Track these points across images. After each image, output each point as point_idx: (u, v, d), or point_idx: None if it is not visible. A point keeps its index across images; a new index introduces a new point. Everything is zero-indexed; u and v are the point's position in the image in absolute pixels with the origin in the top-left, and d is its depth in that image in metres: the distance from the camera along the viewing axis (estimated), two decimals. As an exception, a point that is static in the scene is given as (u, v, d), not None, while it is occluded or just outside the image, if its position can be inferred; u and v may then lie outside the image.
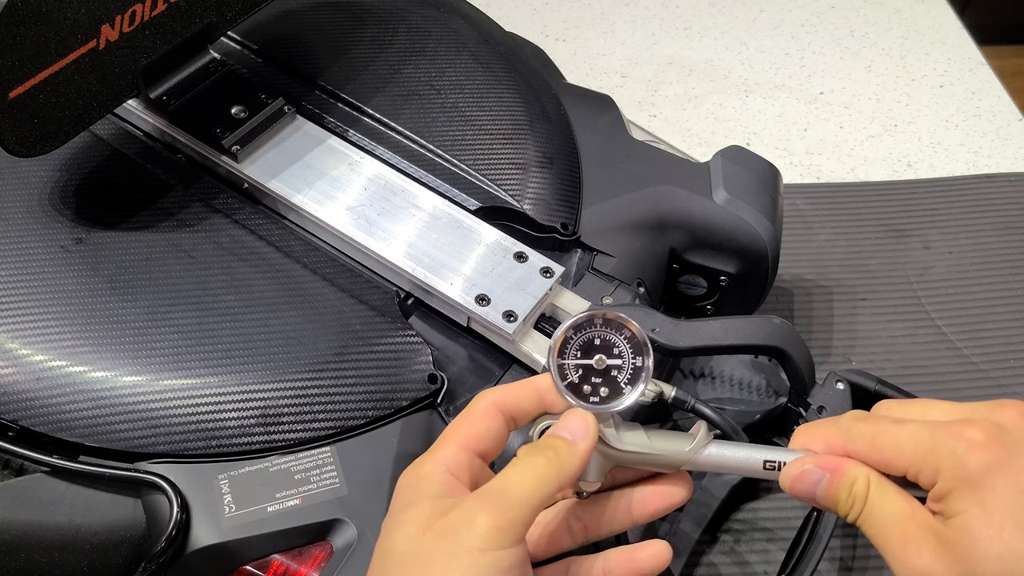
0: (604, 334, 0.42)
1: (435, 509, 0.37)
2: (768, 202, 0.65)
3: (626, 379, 0.42)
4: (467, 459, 0.39)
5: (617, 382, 0.42)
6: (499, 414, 0.41)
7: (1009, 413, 0.37)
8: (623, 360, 0.42)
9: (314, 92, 0.66)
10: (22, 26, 0.48)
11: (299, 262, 0.57)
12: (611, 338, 0.42)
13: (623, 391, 0.42)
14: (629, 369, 0.42)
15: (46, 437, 0.49)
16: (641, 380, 0.42)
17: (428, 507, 0.37)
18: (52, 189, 0.58)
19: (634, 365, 0.42)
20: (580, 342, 0.42)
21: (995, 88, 1.02)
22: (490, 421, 0.41)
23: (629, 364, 0.42)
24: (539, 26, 1.07)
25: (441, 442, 0.40)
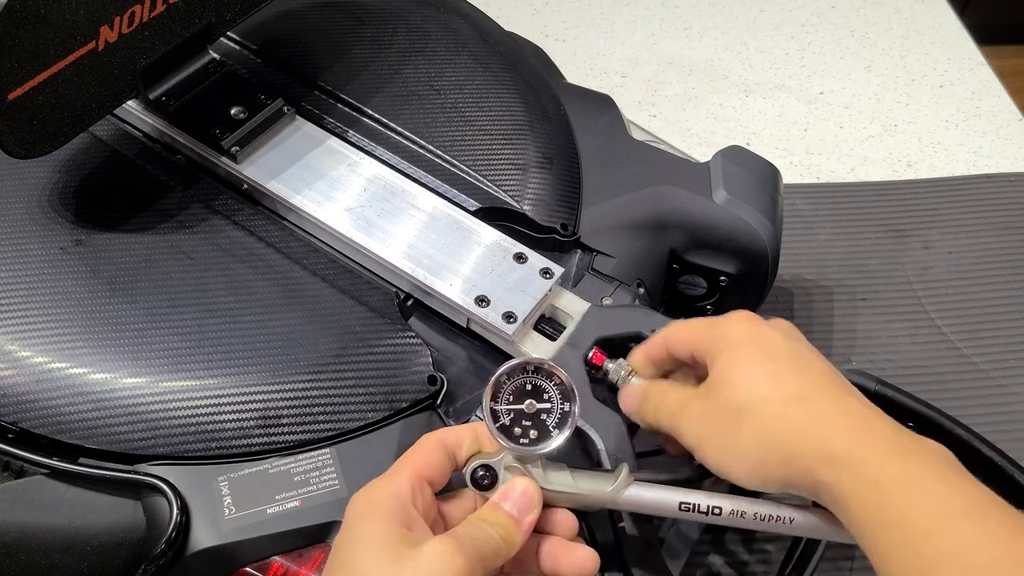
0: (535, 380, 0.45)
1: (404, 539, 0.39)
2: (768, 202, 0.65)
3: (554, 423, 0.45)
4: (419, 486, 0.42)
5: (546, 425, 0.45)
6: (443, 449, 0.44)
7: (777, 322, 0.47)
8: (552, 405, 0.45)
9: (313, 93, 0.66)
10: (21, 28, 0.48)
11: (299, 263, 0.57)
12: (542, 384, 0.45)
13: (551, 434, 0.44)
14: (557, 413, 0.45)
15: (46, 439, 0.49)
16: (568, 425, 0.44)
17: (396, 535, 0.40)
18: (51, 191, 0.58)
19: (562, 410, 0.45)
20: (513, 387, 0.45)
21: (995, 88, 1.02)
22: (437, 455, 0.44)
23: (558, 409, 0.45)
24: (539, 26, 1.07)
25: (393, 472, 0.43)
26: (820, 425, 0.42)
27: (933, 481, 0.39)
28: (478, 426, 0.45)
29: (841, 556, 0.65)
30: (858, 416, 0.42)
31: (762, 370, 0.44)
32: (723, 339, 0.46)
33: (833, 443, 0.41)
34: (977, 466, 0.62)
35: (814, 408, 0.42)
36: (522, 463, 0.44)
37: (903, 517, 0.38)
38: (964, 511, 0.38)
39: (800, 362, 0.44)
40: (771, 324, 0.47)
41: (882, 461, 0.40)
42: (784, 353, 0.45)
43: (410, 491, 0.41)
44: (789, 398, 0.43)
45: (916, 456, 0.40)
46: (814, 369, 0.44)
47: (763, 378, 0.44)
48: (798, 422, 0.42)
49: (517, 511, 0.43)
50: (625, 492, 0.45)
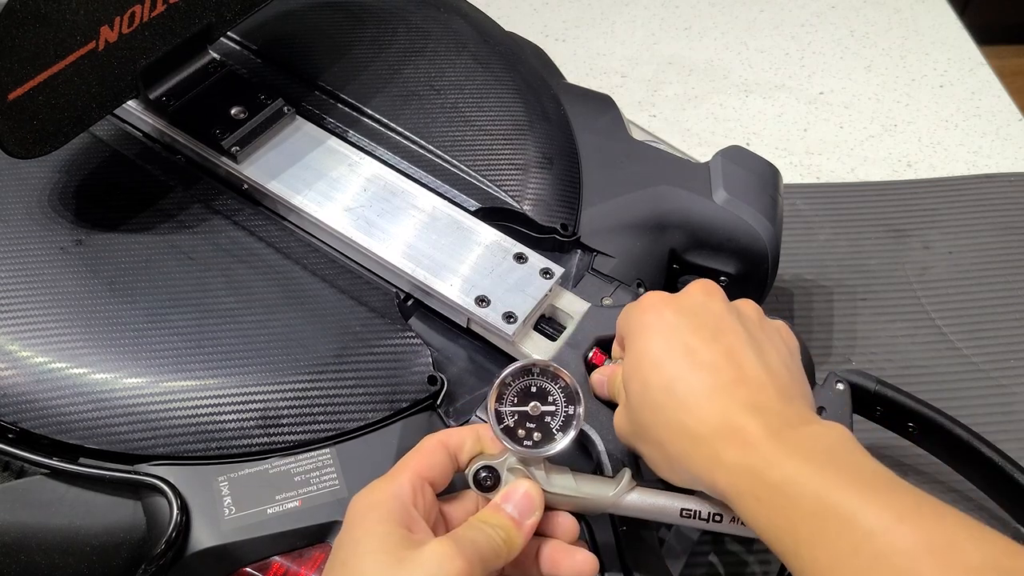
0: (540, 382, 0.45)
1: (405, 540, 0.39)
2: (768, 202, 0.65)
3: (558, 425, 0.45)
4: (420, 487, 0.42)
5: (550, 428, 0.45)
6: (445, 451, 0.44)
7: (693, 286, 0.47)
8: (556, 407, 0.45)
9: (314, 93, 0.66)
10: (21, 28, 0.48)
11: (299, 263, 0.57)
12: (546, 386, 0.45)
13: (555, 437, 0.44)
14: (561, 416, 0.45)
15: (46, 439, 0.49)
16: (572, 428, 0.45)
17: (397, 536, 0.39)
18: (52, 191, 0.58)
19: (566, 413, 0.45)
20: (517, 389, 0.45)
21: (995, 88, 1.02)
22: (438, 456, 0.44)
23: (562, 412, 0.45)
24: (539, 26, 1.07)
25: (394, 473, 0.43)
26: (701, 436, 0.41)
27: (814, 479, 0.37)
28: (480, 427, 0.45)
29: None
30: (741, 414, 0.40)
31: (652, 377, 0.43)
32: (628, 333, 0.46)
33: (715, 452, 0.40)
34: (977, 466, 0.62)
35: (697, 415, 0.41)
36: (525, 465, 0.44)
37: (788, 524, 0.37)
38: (849, 502, 0.36)
39: (691, 358, 0.43)
40: (675, 306, 0.45)
41: (759, 468, 0.39)
42: (675, 350, 0.43)
43: (411, 492, 0.41)
44: (675, 407, 0.42)
45: (796, 453, 0.39)
46: (704, 364, 0.42)
47: (652, 387, 0.43)
48: (683, 433, 0.41)
49: (519, 513, 0.43)
50: (627, 497, 0.45)
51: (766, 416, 0.40)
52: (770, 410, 0.41)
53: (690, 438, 0.41)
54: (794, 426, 0.40)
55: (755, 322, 0.46)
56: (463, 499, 0.45)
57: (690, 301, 0.46)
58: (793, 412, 0.41)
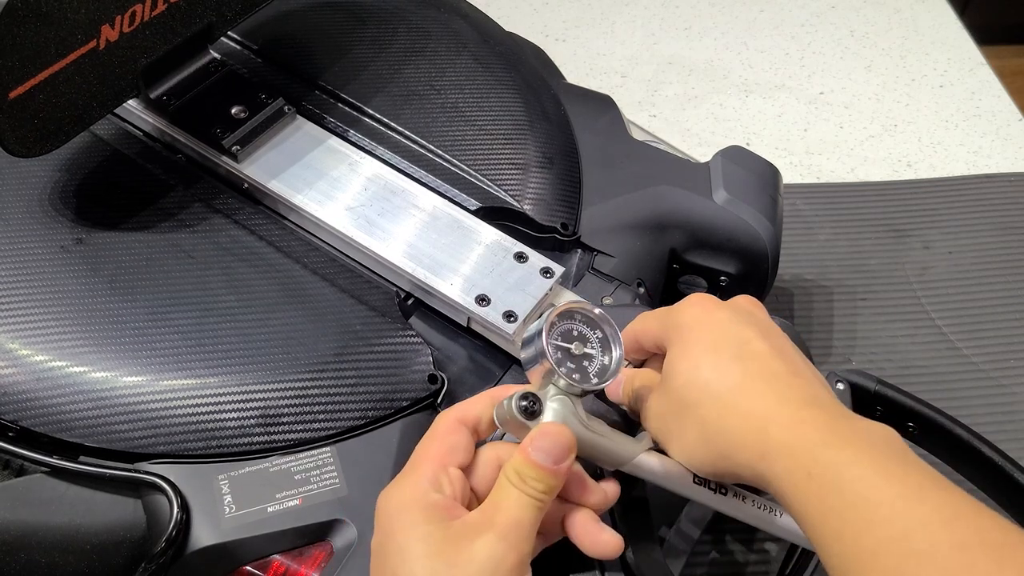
0: (580, 327, 0.45)
1: (449, 537, 0.39)
2: (768, 202, 0.65)
3: (595, 370, 0.44)
4: (445, 475, 0.41)
5: (587, 371, 0.44)
6: (463, 427, 0.43)
7: (738, 299, 0.47)
8: (594, 351, 0.45)
9: (314, 92, 0.66)
10: (22, 26, 0.48)
11: (299, 262, 0.57)
12: (585, 332, 0.45)
13: (591, 380, 0.44)
14: (599, 362, 0.44)
15: (46, 437, 0.49)
16: (611, 372, 0.44)
17: (440, 535, 0.39)
18: (52, 189, 0.58)
19: (603, 360, 0.44)
20: (561, 329, 0.44)
21: (995, 88, 1.02)
22: (456, 435, 0.42)
23: (599, 357, 0.44)
24: (539, 26, 1.07)
25: (416, 464, 0.42)
26: (756, 418, 0.41)
27: (867, 468, 0.38)
28: (494, 391, 0.44)
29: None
30: (797, 404, 0.41)
31: (705, 361, 0.43)
32: (674, 328, 0.45)
33: (769, 435, 0.40)
34: (977, 466, 0.62)
35: (751, 399, 0.41)
36: (566, 399, 0.43)
37: (837, 507, 0.37)
38: (901, 496, 0.37)
39: (745, 348, 0.43)
40: (726, 306, 0.46)
41: (816, 451, 0.39)
42: (729, 340, 0.44)
43: (438, 482, 0.40)
44: (728, 390, 0.42)
45: (851, 443, 0.39)
46: (759, 354, 0.43)
47: (705, 370, 0.43)
48: (735, 416, 0.42)
49: (552, 459, 0.41)
50: (646, 457, 0.45)
51: (823, 406, 0.41)
52: (826, 402, 0.41)
53: (740, 415, 0.41)
54: (850, 418, 0.41)
55: (789, 342, 0.46)
56: (485, 465, 0.43)
57: (738, 305, 0.46)
58: (845, 409, 0.42)
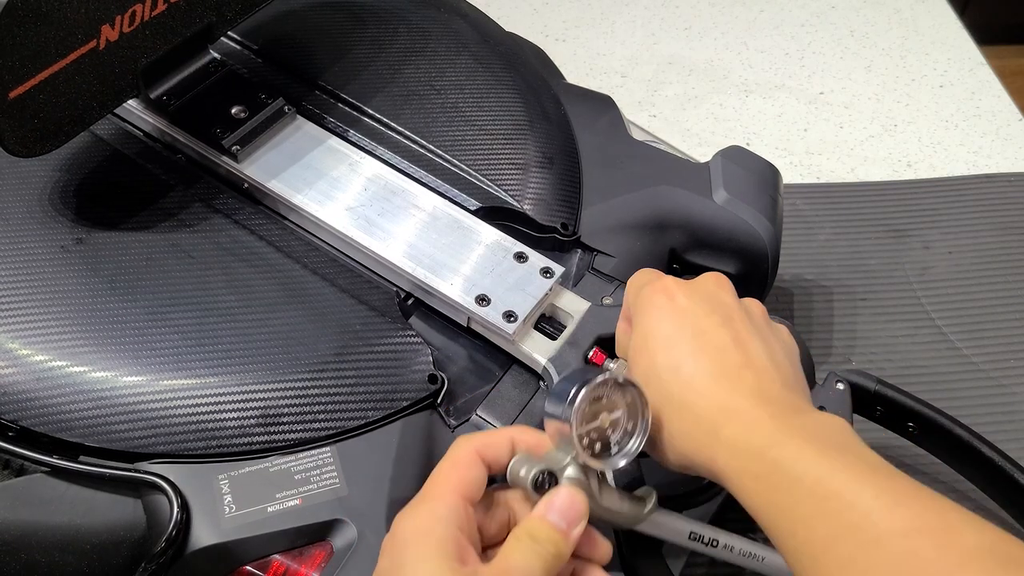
0: (611, 393, 0.42)
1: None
2: (768, 202, 0.65)
3: (617, 439, 0.43)
4: (463, 509, 0.40)
5: (610, 441, 0.42)
6: (482, 462, 0.42)
7: (705, 277, 0.47)
8: (621, 420, 0.43)
9: (314, 92, 0.66)
10: (22, 26, 0.48)
11: (299, 262, 0.57)
12: (615, 398, 0.42)
13: (612, 451, 0.43)
14: (623, 430, 0.43)
15: (46, 437, 0.49)
16: (635, 443, 0.43)
17: (450, 571, 0.38)
18: (52, 189, 0.58)
19: (627, 429, 0.43)
20: (591, 398, 0.42)
21: (995, 88, 1.02)
22: (477, 469, 0.42)
23: (624, 426, 0.43)
24: (539, 26, 1.07)
25: (434, 492, 0.41)
26: (706, 420, 0.41)
27: (812, 463, 0.38)
28: (514, 432, 0.43)
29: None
30: (746, 401, 0.41)
31: (660, 359, 0.44)
32: (638, 304, 0.46)
33: (718, 438, 0.40)
34: (977, 466, 0.62)
35: (703, 399, 0.42)
36: (584, 474, 0.42)
37: (787, 504, 0.38)
38: (847, 488, 0.37)
39: (699, 341, 0.43)
40: (687, 291, 0.45)
41: (763, 451, 0.39)
42: (685, 332, 0.44)
43: (455, 516, 0.39)
44: (681, 390, 0.42)
45: (795, 439, 0.39)
46: (713, 347, 0.43)
47: (660, 369, 0.43)
48: (689, 418, 0.42)
49: (566, 523, 0.41)
50: (653, 515, 0.45)
51: (770, 401, 0.41)
52: (774, 396, 0.41)
53: (693, 417, 0.42)
54: (797, 412, 0.41)
55: (761, 318, 0.46)
56: (494, 506, 0.43)
57: (702, 288, 0.46)
58: (796, 401, 0.42)
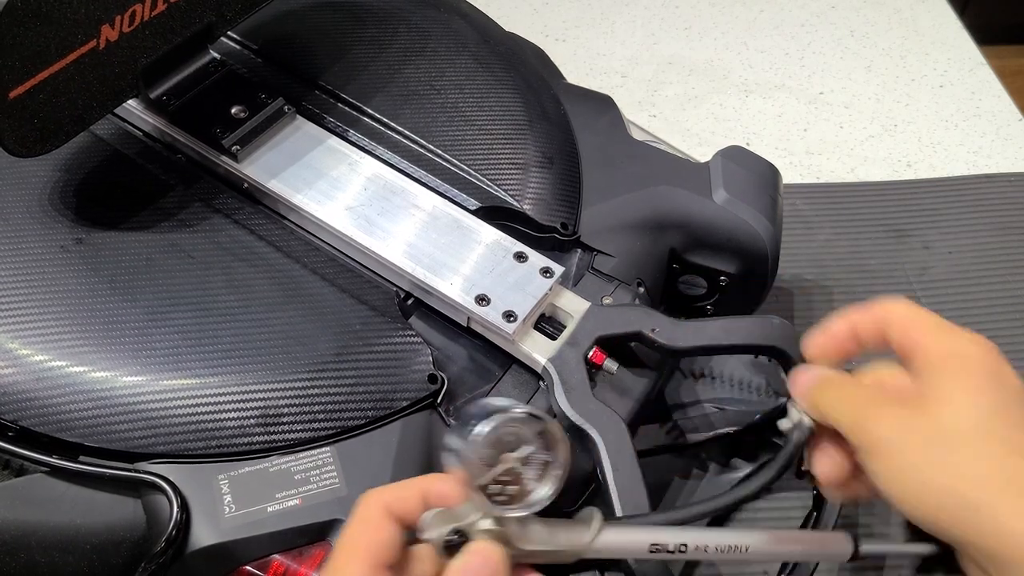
0: (515, 429, 0.39)
1: None
2: (768, 202, 0.65)
3: (534, 475, 0.40)
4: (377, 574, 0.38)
5: (523, 479, 0.40)
6: (391, 521, 0.39)
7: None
8: (532, 456, 0.40)
9: (314, 92, 0.66)
10: (22, 26, 0.48)
11: (299, 262, 0.57)
12: (522, 432, 0.39)
13: (529, 489, 0.40)
14: (538, 465, 0.40)
15: (46, 437, 0.49)
16: (553, 477, 0.40)
17: None
18: (52, 189, 0.58)
19: (544, 460, 0.40)
20: (491, 440, 0.39)
21: (995, 88, 1.02)
22: (387, 531, 0.39)
23: (539, 460, 0.40)
24: (539, 26, 1.07)
25: (346, 559, 0.38)
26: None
27: None
28: (423, 482, 0.40)
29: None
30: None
31: (1000, 412, 0.39)
32: (958, 354, 0.41)
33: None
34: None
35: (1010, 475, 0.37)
36: (498, 523, 0.39)
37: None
38: None
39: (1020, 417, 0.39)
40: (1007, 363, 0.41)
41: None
42: (1018, 400, 0.40)
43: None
44: (1010, 452, 0.38)
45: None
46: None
47: (991, 419, 0.39)
48: (1008, 490, 0.37)
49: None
50: (600, 538, 0.42)
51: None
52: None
53: (980, 510, 0.37)
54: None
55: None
56: (415, 561, 0.40)
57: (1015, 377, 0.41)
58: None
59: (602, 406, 0.51)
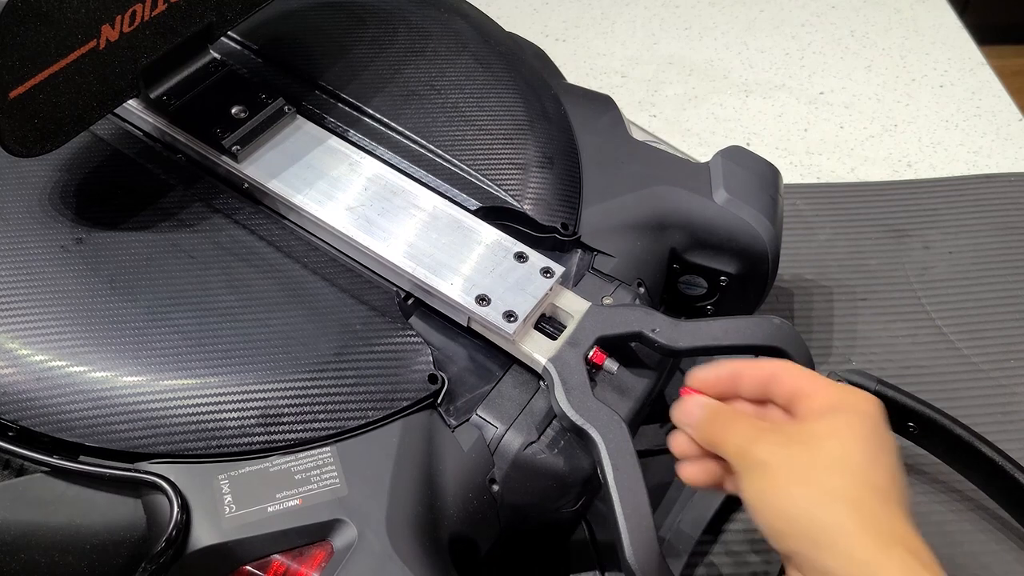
0: None
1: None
2: (768, 202, 0.65)
3: None
4: None
5: None
6: None
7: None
8: None
9: (314, 92, 0.66)
10: (22, 26, 0.48)
11: (299, 262, 0.57)
12: None
13: None
14: None
15: (46, 437, 0.49)
16: None
17: None
18: (52, 189, 0.58)
19: None
20: None
21: (995, 88, 1.02)
22: None
23: None
24: (539, 26, 1.07)
25: None
26: (869, 537, 0.41)
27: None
28: None
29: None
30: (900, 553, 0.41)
31: (864, 451, 0.44)
32: (850, 404, 0.46)
33: (858, 552, 0.41)
34: (977, 466, 0.62)
35: (875, 521, 0.42)
36: None
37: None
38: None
39: (891, 472, 0.44)
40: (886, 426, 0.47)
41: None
42: (889, 454, 0.45)
43: None
44: (869, 489, 0.43)
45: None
46: (889, 487, 0.44)
47: (862, 461, 0.44)
48: (854, 516, 0.42)
49: None
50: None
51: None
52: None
53: (830, 542, 0.42)
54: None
55: None
56: None
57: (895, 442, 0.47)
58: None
59: (602, 406, 0.51)
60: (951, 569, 0.65)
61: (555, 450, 0.53)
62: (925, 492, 0.68)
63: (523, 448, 0.52)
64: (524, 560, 0.59)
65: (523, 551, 0.57)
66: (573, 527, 0.59)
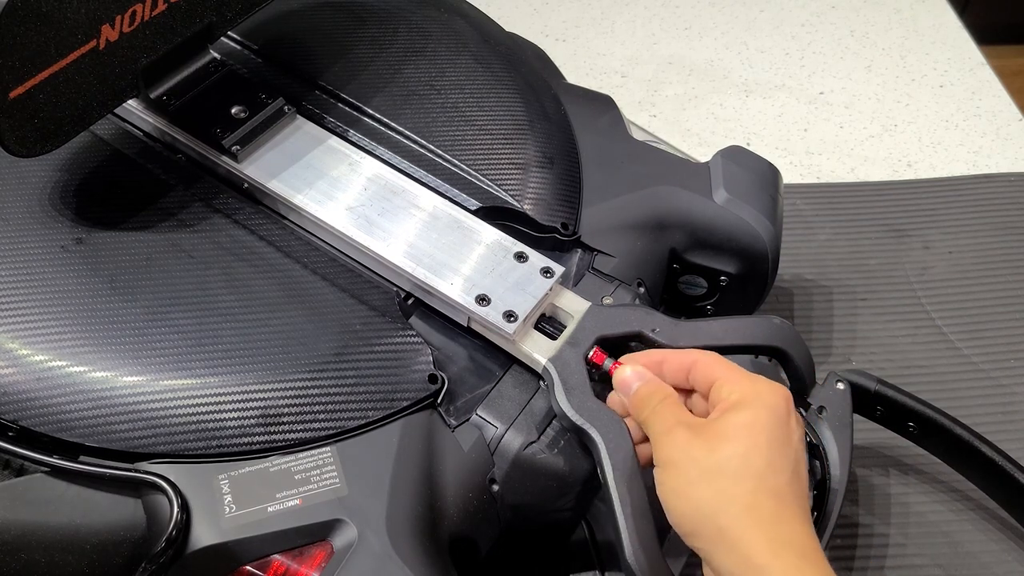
0: None
1: None
2: (768, 202, 0.65)
3: None
4: None
5: None
6: None
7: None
8: None
9: (314, 92, 0.66)
10: (22, 26, 0.48)
11: (299, 262, 0.57)
12: None
13: None
14: None
15: (46, 437, 0.49)
16: None
17: None
18: (52, 189, 0.58)
19: None
20: None
21: (995, 88, 1.02)
22: None
23: None
24: (539, 26, 1.07)
25: None
26: (757, 534, 0.43)
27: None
28: None
29: (843, 556, 0.65)
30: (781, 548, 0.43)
31: (764, 454, 0.45)
32: (758, 397, 0.47)
33: (752, 555, 0.43)
34: (977, 466, 0.62)
35: (770, 525, 0.44)
36: None
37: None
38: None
39: (789, 473, 0.45)
40: (798, 419, 0.48)
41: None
42: (789, 453, 0.46)
43: None
44: (761, 489, 0.44)
45: None
46: (786, 489, 0.45)
47: (757, 458, 0.45)
48: (749, 519, 0.44)
49: None
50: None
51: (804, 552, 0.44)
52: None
53: (722, 539, 0.44)
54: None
55: None
56: None
57: (801, 432, 0.48)
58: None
59: (602, 406, 0.51)
60: (951, 569, 0.66)
61: (555, 450, 0.53)
62: (925, 492, 0.68)
63: (523, 448, 0.52)
64: (524, 560, 0.59)
65: (523, 551, 0.57)
66: (573, 527, 0.59)
